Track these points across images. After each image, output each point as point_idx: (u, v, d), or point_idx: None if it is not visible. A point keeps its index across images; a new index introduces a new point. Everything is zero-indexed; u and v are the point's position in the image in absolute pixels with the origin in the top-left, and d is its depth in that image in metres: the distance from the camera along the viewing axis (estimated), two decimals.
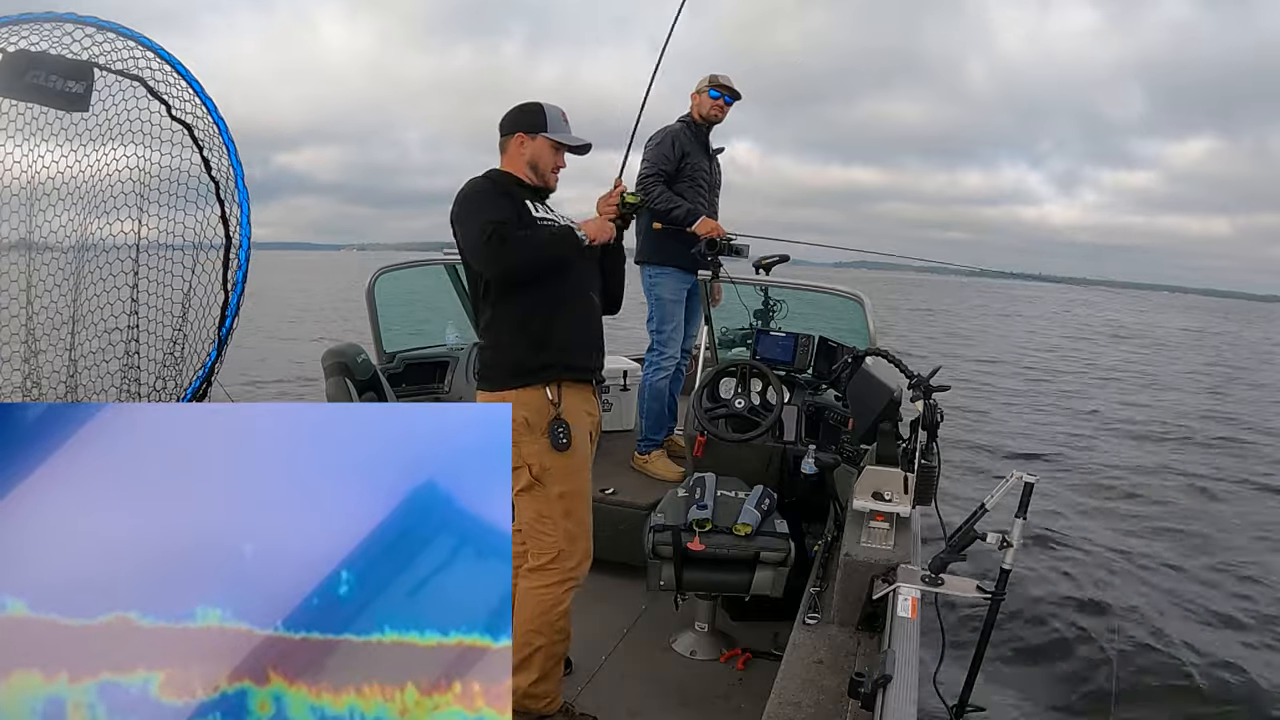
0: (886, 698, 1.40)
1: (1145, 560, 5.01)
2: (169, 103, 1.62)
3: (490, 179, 2.03)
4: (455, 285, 3.96)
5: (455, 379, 3.65)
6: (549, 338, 1.96)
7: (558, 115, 2.07)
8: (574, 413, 2.00)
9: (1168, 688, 3.53)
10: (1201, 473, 7.34)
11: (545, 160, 2.06)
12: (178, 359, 1.64)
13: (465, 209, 1.94)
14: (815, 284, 3.66)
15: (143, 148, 1.61)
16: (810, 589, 2.20)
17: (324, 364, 2.92)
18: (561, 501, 1.98)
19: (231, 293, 1.64)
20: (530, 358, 1.96)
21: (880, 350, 2.55)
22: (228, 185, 1.66)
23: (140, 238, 1.60)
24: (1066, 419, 10.01)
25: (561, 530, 1.99)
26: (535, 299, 1.96)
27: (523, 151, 2.05)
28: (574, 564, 2.01)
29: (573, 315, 2.02)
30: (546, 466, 1.95)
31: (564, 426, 1.95)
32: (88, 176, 1.58)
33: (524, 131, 2.05)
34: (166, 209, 1.63)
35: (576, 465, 2.00)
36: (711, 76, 3.34)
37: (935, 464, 2.06)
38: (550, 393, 1.95)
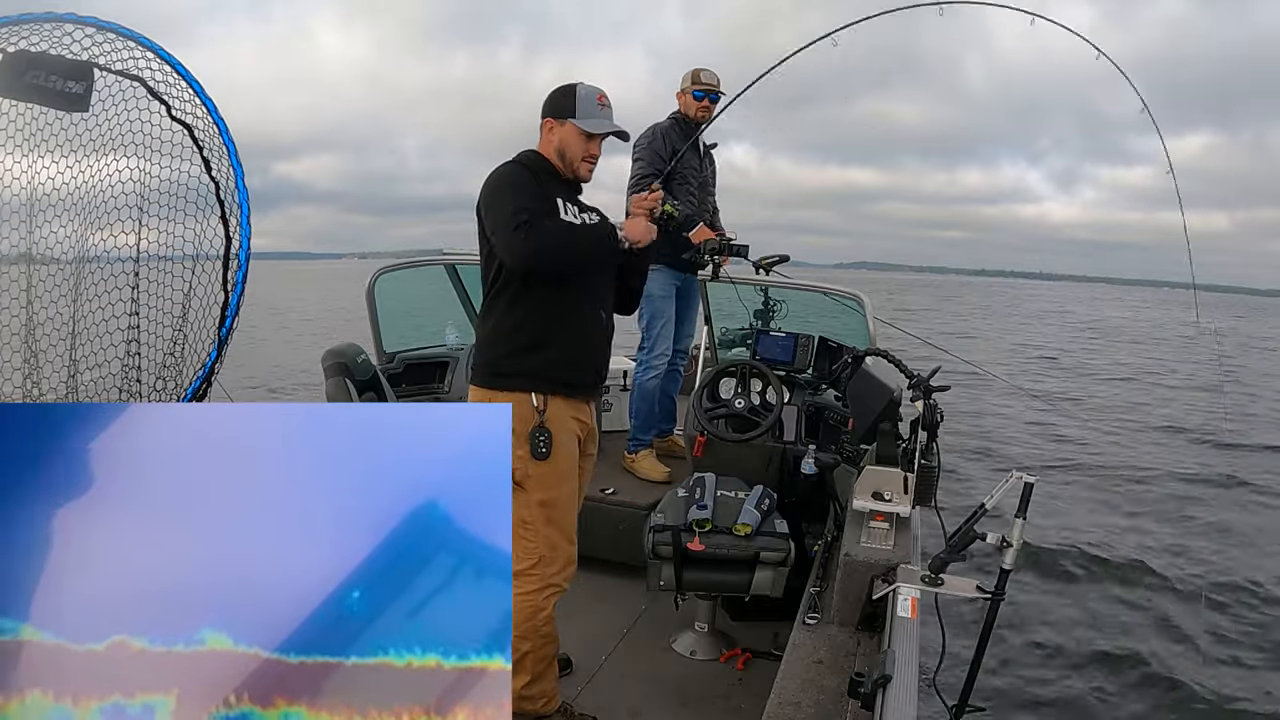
0: (886, 698, 1.40)
1: (1146, 560, 5.01)
2: (169, 103, 1.62)
3: (521, 162, 1.94)
4: (455, 285, 3.96)
5: (455, 379, 3.65)
6: (541, 346, 1.90)
7: (591, 99, 1.93)
8: (559, 420, 1.93)
9: (1168, 688, 3.53)
10: (1203, 471, 7.34)
11: (573, 149, 1.93)
12: (178, 359, 1.64)
13: (494, 194, 1.85)
14: (815, 284, 3.66)
15: (143, 148, 1.60)
16: (810, 589, 2.20)
17: (324, 364, 2.92)
18: (543, 509, 1.93)
19: (231, 293, 1.64)
20: (517, 362, 1.90)
21: (880, 350, 2.55)
22: (228, 185, 1.66)
23: (140, 238, 1.60)
24: (1067, 419, 10.01)
25: (543, 537, 1.94)
26: (539, 303, 1.89)
27: (551, 138, 1.94)
28: (556, 570, 1.96)
29: (573, 328, 1.93)
30: (529, 474, 1.90)
31: (545, 435, 1.89)
32: (88, 177, 1.58)
33: (552, 116, 1.94)
34: (167, 209, 1.63)
35: (559, 473, 1.95)
36: (694, 73, 3.24)
37: (935, 464, 2.07)
38: (536, 399, 1.89)
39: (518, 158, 1.97)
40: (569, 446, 1.96)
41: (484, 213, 1.87)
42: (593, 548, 3.06)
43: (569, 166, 1.95)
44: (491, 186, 1.88)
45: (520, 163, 1.94)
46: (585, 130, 1.91)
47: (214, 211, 1.65)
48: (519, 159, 1.96)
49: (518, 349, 1.90)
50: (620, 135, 1.98)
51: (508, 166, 1.92)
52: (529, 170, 1.92)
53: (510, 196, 1.82)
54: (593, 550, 3.05)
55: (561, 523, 1.97)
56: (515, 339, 1.90)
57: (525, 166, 1.93)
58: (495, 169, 1.92)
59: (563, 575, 1.98)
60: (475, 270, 3.87)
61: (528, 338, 1.90)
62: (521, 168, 1.92)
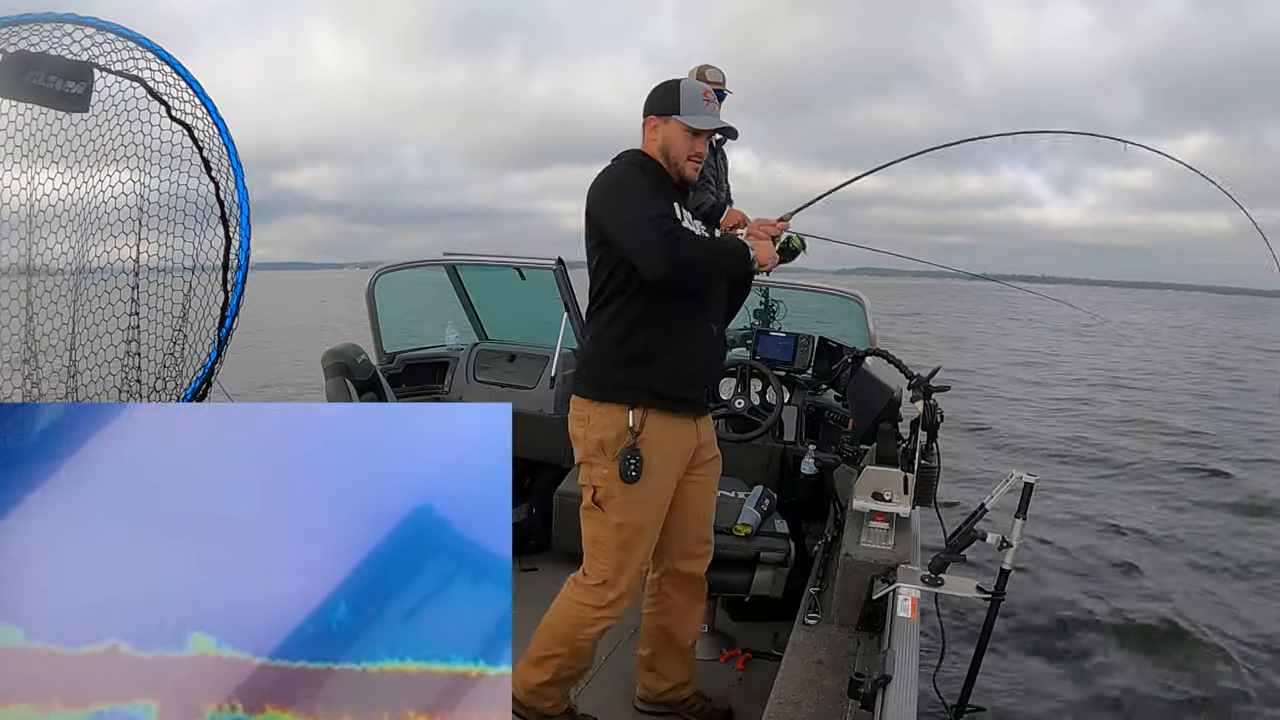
0: (886, 698, 1.40)
1: (1146, 560, 5.01)
2: (169, 103, 1.61)
3: (638, 165, 1.82)
4: (455, 285, 3.96)
5: (455, 379, 3.64)
6: (649, 359, 1.80)
7: (696, 94, 1.81)
8: (655, 442, 1.81)
9: (1169, 687, 3.53)
10: (1204, 471, 7.34)
11: (678, 147, 1.81)
12: (178, 360, 1.64)
13: (619, 198, 1.75)
14: (815, 284, 3.66)
15: (143, 148, 1.60)
16: (810, 589, 2.20)
17: (324, 364, 2.92)
18: (618, 532, 1.84)
19: (231, 294, 1.64)
20: (617, 375, 1.81)
21: (880, 350, 2.55)
22: (227, 186, 1.66)
23: (140, 238, 1.60)
24: (1067, 419, 10.01)
25: (614, 561, 1.86)
26: (652, 315, 1.79)
27: (655, 136, 1.83)
28: (615, 596, 1.88)
29: (687, 341, 1.84)
30: (611, 494, 1.82)
31: (636, 458, 1.78)
32: (88, 177, 1.58)
33: (656, 114, 1.82)
34: (168, 208, 1.63)
35: (645, 500, 1.84)
36: (699, 70, 3.10)
37: (935, 464, 2.07)
38: (632, 417, 1.79)
39: (626, 158, 1.85)
40: (661, 473, 1.85)
41: (605, 217, 1.76)
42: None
43: (674, 166, 1.84)
44: (612, 190, 1.78)
45: (634, 164, 1.83)
46: (691, 127, 1.80)
47: (214, 212, 1.65)
48: (629, 159, 1.84)
49: (624, 361, 1.81)
50: (729, 132, 1.89)
51: (623, 167, 1.82)
52: (644, 172, 1.81)
53: (642, 202, 1.72)
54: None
55: (634, 551, 1.87)
56: (621, 351, 1.82)
57: (640, 168, 1.82)
58: (608, 170, 1.82)
59: (618, 606, 1.90)
60: (475, 270, 3.89)
61: (635, 350, 1.81)
62: (638, 169, 1.81)
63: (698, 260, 1.73)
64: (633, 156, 1.86)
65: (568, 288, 3.25)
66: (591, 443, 1.84)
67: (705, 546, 2.11)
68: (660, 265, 1.66)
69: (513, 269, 3.55)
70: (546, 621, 1.97)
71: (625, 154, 1.87)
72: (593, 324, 1.88)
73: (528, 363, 3.54)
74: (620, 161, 1.84)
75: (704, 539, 2.09)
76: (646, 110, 1.85)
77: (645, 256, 1.68)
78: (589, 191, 1.81)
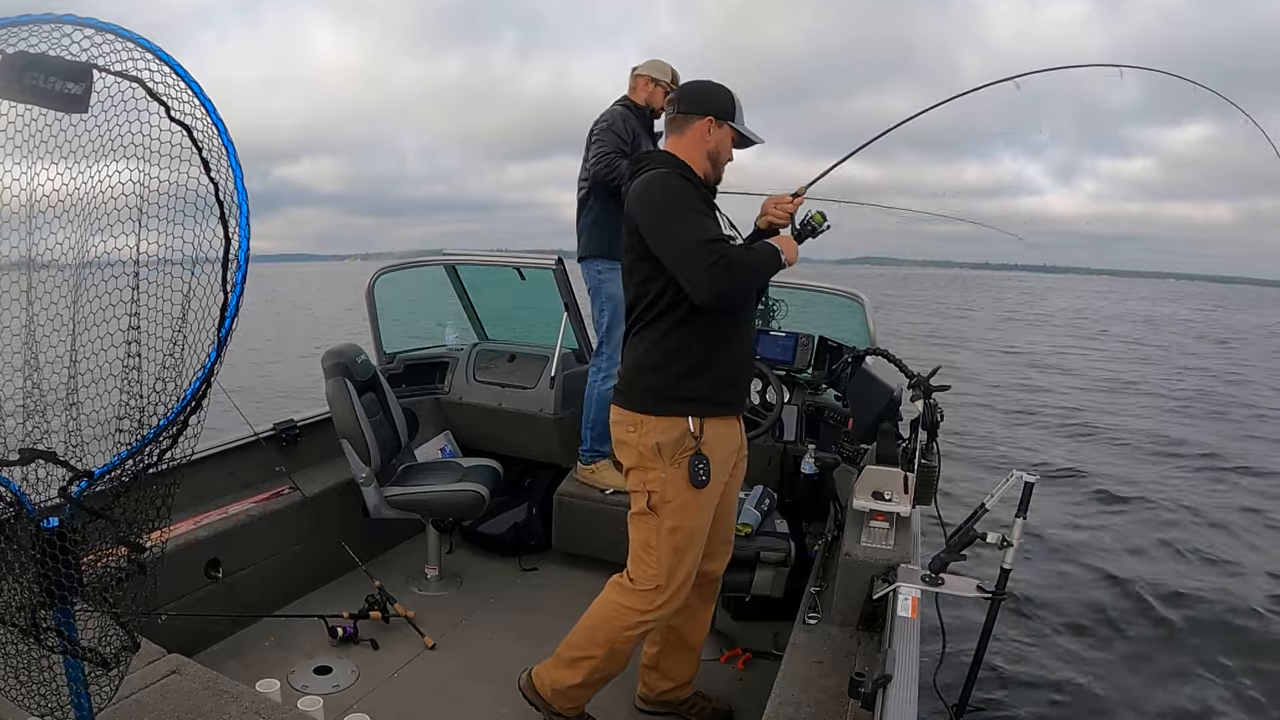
0: (886, 698, 1.40)
1: (1147, 559, 5.01)
2: (168, 104, 1.61)
3: (685, 178, 1.80)
4: (455, 285, 3.96)
5: (455, 379, 3.64)
6: (703, 369, 1.82)
7: (740, 105, 1.86)
8: (714, 444, 1.85)
9: (1170, 687, 3.53)
10: (1205, 470, 7.34)
11: (725, 153, 1.86)
12: (178, 360, 1.64)
13: (671, 215, 1.73)
14: (815, 284, 3.66)
15: (142, 148, 1.60)
16: (810, 589, 2.20)
17: (324, 365, 2.92)
18: (672, 537, 1.86)
19: (231, 294, 1.63)
20: (676, 387, 1.82)
21: (880, 350, 2.55)
22: (227, 186, 1.66)
23: (139, 239, 1.60)
24: (1066, 420, 10.01)
25: (666, 566, 1.88)
26: (703, 328, 1.80)
27: (708, 138, 1.83)
28: (664, 600, 1.90)
29: (732, 348, 1.86)
30: (667, 499, 1.84)
31: (704, 463, 1.81)
32: (87, 178, 1.58)
33: (715, 116, 1.82)
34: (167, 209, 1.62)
35: (702, 504, 1.88)
36: (674, 73, 3.06)
37: (935, 464, 2.07)
38: (693, 425, 1.82)
39: (668, 167, 1.83)
40: (720, 474, 1.89)
41: (654, 232, 1.75)
42: (593, 548, 3.06)
43: (716, 170, 1.88)
44: (664, 206, 1.75)
45: (681, 175, 1.81)
46: (741, 136, 1.86)
47: (213, 212, 1.65)
48: (673, 169, 1.82)
49: (682, 373, 1.82)
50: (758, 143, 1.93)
51: (672, 180, 1.78)
52: (694, 186, 1.81)
53: (693, 223, 1.72)
54: (593, 550, 3.06)
55: (686, 555, 1.90)
56: (678, 364, 1.82)
57: (687, 180, 1.81)
58: (656, 181, 1.78)
59: (665, 608, 1.92)
60: (475, 270, 3.89)
61: (691, 362, 1.82)
62: (686, 182, 1.80)
63: (742, 284, 1.77)
64: (672, 164, 1.83)
65: (567, 287, 3.24)
66: (646, 448, 1.83)
67: (726, 545, 2.14)
68: (708, 294, 1.69)
69: (512, 268, 3.55)
70: (586, 624, 1.97)
71: (665, 160, 1.84)
72: (645, 336, 1.85)
73: (528, 362, 3.54)
74: (663, 172, 1.80)
75: (726, 538, 2.12)
76: (701, 109, 1.83)
77: (694, 283, 1.70)
78: (636, 204, 1.79)
